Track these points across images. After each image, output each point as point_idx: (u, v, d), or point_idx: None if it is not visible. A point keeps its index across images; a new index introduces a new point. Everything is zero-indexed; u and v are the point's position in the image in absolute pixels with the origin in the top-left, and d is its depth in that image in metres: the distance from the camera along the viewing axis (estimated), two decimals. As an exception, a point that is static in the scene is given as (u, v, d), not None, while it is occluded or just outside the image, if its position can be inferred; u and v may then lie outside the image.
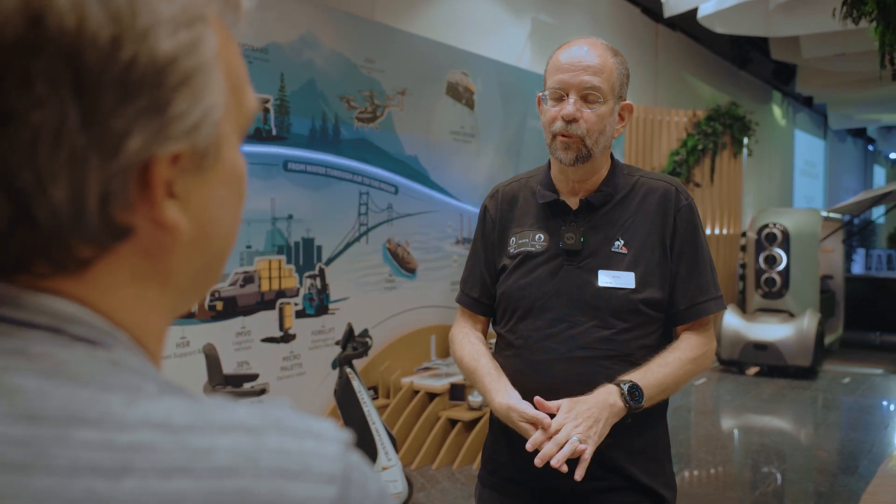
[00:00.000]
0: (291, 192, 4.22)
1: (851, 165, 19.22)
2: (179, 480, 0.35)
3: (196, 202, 0.42)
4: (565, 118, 1.51)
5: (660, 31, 9.00)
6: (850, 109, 13.90)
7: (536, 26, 6.70)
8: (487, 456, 1.65)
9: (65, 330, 0.38)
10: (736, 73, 11.20)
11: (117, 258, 0.40)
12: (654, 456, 1.56)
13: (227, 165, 0.44)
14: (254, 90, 0.47)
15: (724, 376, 7.66)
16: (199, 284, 0.47)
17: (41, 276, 0.39)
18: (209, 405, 0.39)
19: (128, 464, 0.35)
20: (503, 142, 5.91)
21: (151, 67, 0.38)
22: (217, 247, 0.46)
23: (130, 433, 0.36)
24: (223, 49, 0.43)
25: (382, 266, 4.87)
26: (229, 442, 0.37)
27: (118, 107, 0.37)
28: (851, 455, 5.12)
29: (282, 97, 4.15)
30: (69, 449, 0.35)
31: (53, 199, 0.37)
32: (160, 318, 0.44)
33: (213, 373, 3.25)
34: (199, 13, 0.40)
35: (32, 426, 0.35)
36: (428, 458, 4.53)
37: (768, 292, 7.92)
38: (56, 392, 0.36)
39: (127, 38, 0.37)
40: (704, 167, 8.19)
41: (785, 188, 13.71)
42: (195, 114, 0.40)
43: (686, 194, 1.60)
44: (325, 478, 0.38)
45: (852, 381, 7.53)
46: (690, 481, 4.62)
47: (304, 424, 0.39)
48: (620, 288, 1.51)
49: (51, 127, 0.36)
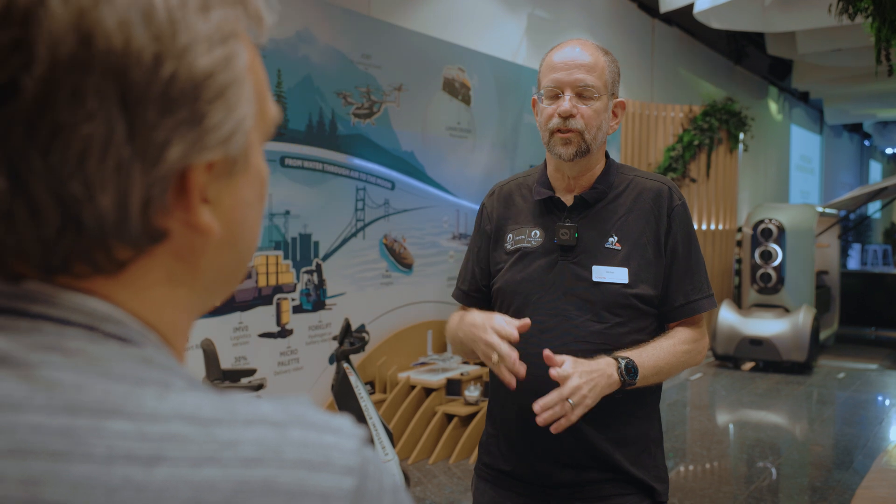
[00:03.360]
0: (288, 188, 4.23)
1: (847, 161, 19.25)
2: (209, 469, 0.37)
3: (226, 206, 0.45)
4: (562, 114, 1.54)
5: (656, 26, 9.00)
6: (846, 105, 13.92)
7: (532, 22, 6.70)
8: (484, 448, 1.68)
9: (98, 328, 0.41)
10: (732, 69, 11.21)
11: (151, 260, 0.43)
12: (646, 447, 1.59)
13: (253, 170, 0.47)
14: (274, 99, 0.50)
15: (719, 371, 7.69)
16: (225, 283, 0.49)
17: (79, 277, 0.41)
18: (235, 400, 0.41)
19: (161, 453, 0.37)
20: (499, 137, 5.91)
21: (190, 82, 0.40)
22: (243, 247, 0.48)
23: (162, 424, 0.38)
24: (252, 63, 0.46)
25: (379, 261, 4.88)
26: (255, 434, 0.39)
27: (160, 119, 0.39)
28: (846, 450, 5.15)
29: (278, 93, 4.15)
30: (106, 438, 0.37)
31: (100, 206, 0.39)
32: (187, 316, 0.47)
33: (210, 368, 3.25)
34: (231, 30, 0.43)
35: (71, 417, 0.37)
36: (424, 452, 4.54)
37: (764, 287, 7.94)
38: (92, 386, 0.38)
39: (168, 55, 0.39)
40: (700, 162, 8.21)
41: (781, 183, 13.74)
42: (229, 125, 0.42)
43: (679, 194, 1.64)
44: (344, 470, 0.40)
45: (847, 376, 7.57)
46: (686, 476, 4.65)
47: (324, 420, 0.42)
48: (614, 283, 1.54)
49: (100, 139, 0.38)
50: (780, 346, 7.47)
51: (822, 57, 9.59)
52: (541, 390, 1.53)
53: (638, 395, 1.56)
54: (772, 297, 7.93)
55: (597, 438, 1.53)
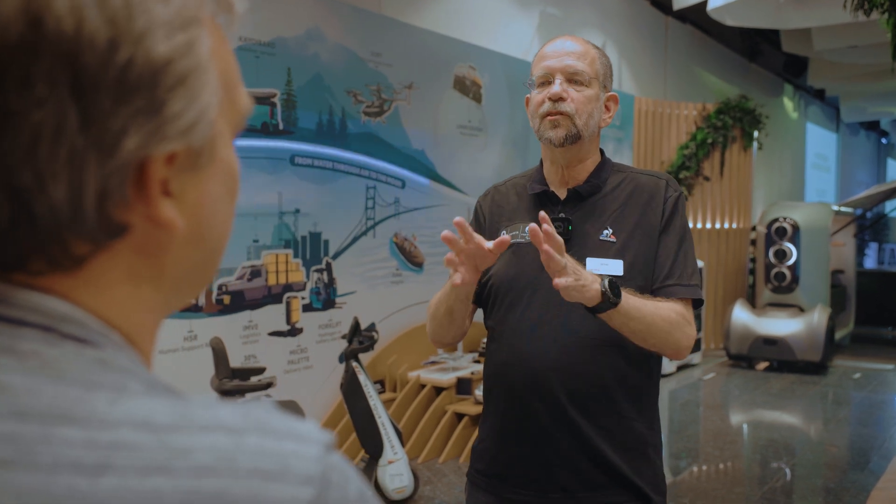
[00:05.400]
0: (298, 187, 4.23)
1: (864, 159, 19.07)
2: (157, 479, 0.35)
3: (191, 200, 0.43)
4: (552, 97, 1.53)
5: (669, 23, 8.95)
6: (862, 102, 13.79)
7: (544, 19, 6.67)
8: (477, 454, 1.64)
9: (55, 328, 0.39)
10: (746, 66, 11.12)
11: (112, 256, 0.41)
12: (642, 452, 1.54)
13: (221, 164, 0.45)
14: (247, 90, 0.48)
15: (733, 371, 7.63)
16: (193, 281, 0.47)
17: (36, 274, 0.40)
18: (193, 405, 0.39)
19: (108, 462, 0.35)
20: (510, 135, 5.89)
21: (147, 69, 0.39)
22: (211, 244, 0.46)
23: (112, 432, 0.36)
24: (217, 49, 0.44)
25: (389, 260, 4.87)
26: (209, 442, 0.37)
27: (115, 107, 0.38)
28: (861, 451, 5.09)
29: (288, 91, 4.15)
30: (53, 446, 0.35)
31: (53, 197, 0.37)
32: (153, 316, 0.45)
33: (220, 366, 3.26)
34: (193, 15, 0.41)
35: (19, 423, 0.36)
36: (434, 451, 4.53)
37: (778, 287, 7.87)
38: (44, 390, 0.37)
39: (124, 40, 0.38)
40: (714, 161, 8.15)
41: (796, 182, 13.62)
42: (190, 114, 0.41)
43: (676, 186, 1.61)
44: (303, 479, 0.38)
45: (863, 376, 7.49)
46: (698, 476, 4.61)
47: (285, 425, 0.40)
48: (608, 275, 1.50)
49: (51, 126, 0.37)
50: (794, 346, 7.40)
51: (838, 54, 9.50)
52: (534, 390, 1.51)
53: (635, 396, 1.53)
54: (786, 297, 7.86)
55: (593, 443, 1.49)
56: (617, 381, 1.51)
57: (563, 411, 1.49)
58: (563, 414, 1.49)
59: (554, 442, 1.50)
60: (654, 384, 1.59)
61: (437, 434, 4.53)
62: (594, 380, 1.50)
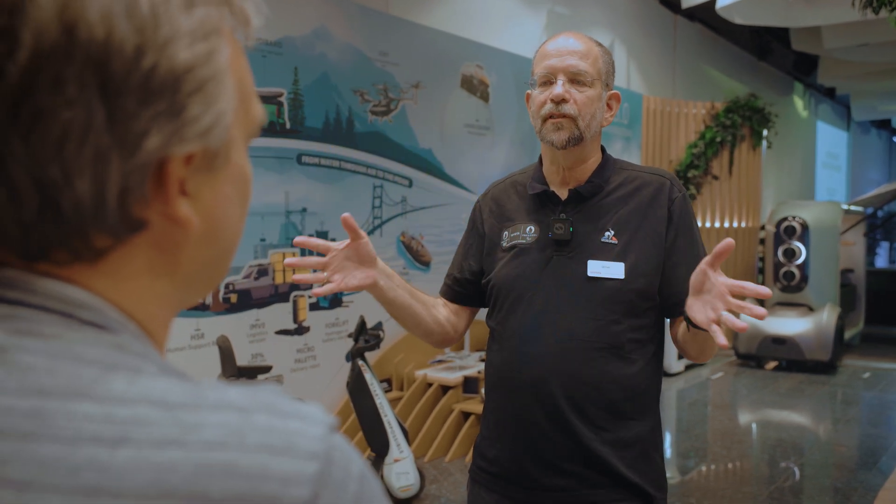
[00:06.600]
0: (305, 186, 4.24)
1: (875, 157, 18.94)
2: (171, 451, 0.38)
3: (206, 200, 0.46)
4: (555, 99, 1.51)
5: (678, 21, 8.91)
6: (873, 100, 13.69)
7: (552, 18, 6.66)
8: (478, 451, 1.64)
9: (75, 315, 0.42)
10: (756, 65, 11.06)
11: (131, 250, 0.44)
12: (642, 450, 1.53)
13: (235, 167, 0.48)
14: (260, 100, 0.51)
15: (741, 370, 7.60)
16: (206, 278, 0.50)
17: (59, 264, 0.43)
18: (203, 386, 0.42)
19: (126, 435, 0.38)
20: (518, 134, 5.89)
21: (170, 75, 0.42)
22: (224, 243, 0.49)
23: (130, 408, 0.39)
24: (235, 61, 0.47)
25: (397, 259, 4.88)
26: (220, 419, 0.40)
27: (139, 109, 0.41)
28: (871, 451, 5.07)
29: (295, 90, 4.16)
30: (73, 420, 0.38)
31: (78, 191, 0.40)
32: (167, 309, 0.48)
33: (226, 365, 3.27)
34: (214, 26, 0.44)
35: (41, 400, 0.38)
36: (441, 450, 4.54)
37: (787, 286, 7.84)
38: (63, 370, 0.40)
39: (149, 47, 0.41)
40: (723, 160, 8.12)
41: (807, 180, 13.55)
42: (208, 118, 0.44)
43: (680, 186, 1.59)
44: (308, 455, 0.40)
45: (872, 376, 7.45)
46: (706, 476, 4.60)
47: (292, 407, 0.42)
48: (610, 278, 1.49)
49: (79, 125, 0.39)
50: (803, 345, 7.37)
51: (848, 52, 9.44)
52: (533, 391, 1.51)
53: (634, 396, 1.52)
54: (795, 296, 7.82)
55: (593, 442, 1.48)
56: (615, 383, 1.50)
57: (561, 413, 1.49)
58: (562, 415, 1.49)
59: (552, 442, 1.50)
60: (654, 383, 1.58)
61: (444, 433, 4.54)
62: (593, 382, 1.49)
